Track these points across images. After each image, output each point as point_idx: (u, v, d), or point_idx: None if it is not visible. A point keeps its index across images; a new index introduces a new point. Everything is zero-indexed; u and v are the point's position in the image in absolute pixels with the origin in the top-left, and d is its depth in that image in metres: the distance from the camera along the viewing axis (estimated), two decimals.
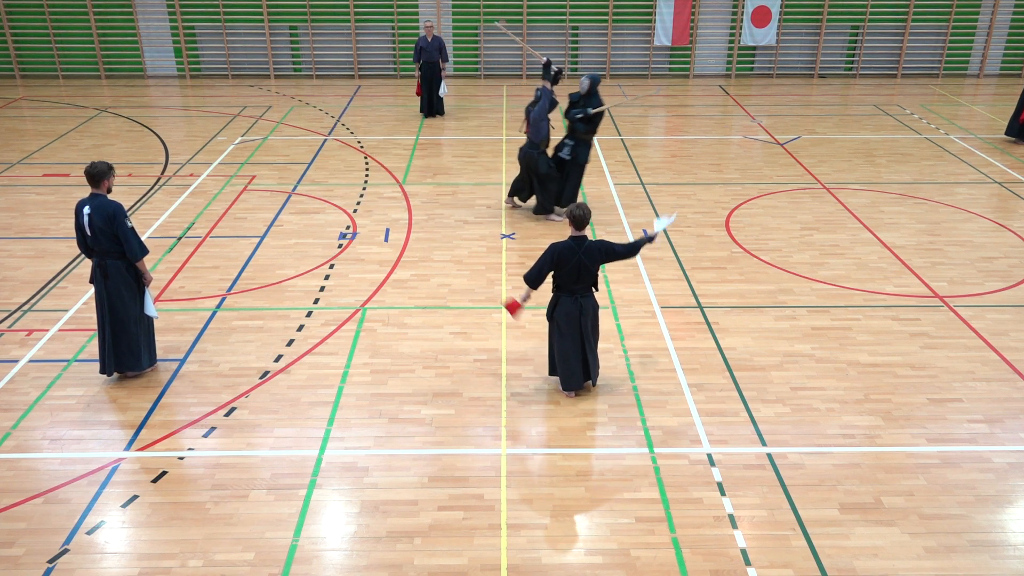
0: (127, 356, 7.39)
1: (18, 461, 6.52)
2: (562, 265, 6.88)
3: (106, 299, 7.18)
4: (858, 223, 11.10)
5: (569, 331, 7.07)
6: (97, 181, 7.00)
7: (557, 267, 6.92)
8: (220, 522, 5.90)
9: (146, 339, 7.48)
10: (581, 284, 6.97)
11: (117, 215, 6.97)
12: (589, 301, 7.07)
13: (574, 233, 6.87)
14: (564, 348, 7.14)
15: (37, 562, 5.54)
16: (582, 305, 7.02)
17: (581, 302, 7.01)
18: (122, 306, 7.21)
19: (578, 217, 6.82)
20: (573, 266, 6.84)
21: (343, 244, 10.38)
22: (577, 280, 6.93)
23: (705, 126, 15.93)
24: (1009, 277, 9.61)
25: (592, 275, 7.00)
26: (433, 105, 16.26)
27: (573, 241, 6.85)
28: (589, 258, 6.86)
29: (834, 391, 7.44)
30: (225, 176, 12.80)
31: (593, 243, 6.93)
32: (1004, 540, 5.78)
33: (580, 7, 19.34)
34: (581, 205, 6.83)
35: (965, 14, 19.50)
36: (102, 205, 6.98)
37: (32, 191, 12.19)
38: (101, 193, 7.04)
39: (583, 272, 6.90)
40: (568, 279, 6.93)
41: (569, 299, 7.01)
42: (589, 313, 7.08)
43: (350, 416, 7.06)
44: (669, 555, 5.63)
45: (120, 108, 16.91)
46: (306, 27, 19.34)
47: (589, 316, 7.09)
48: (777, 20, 19.26)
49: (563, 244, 6.88)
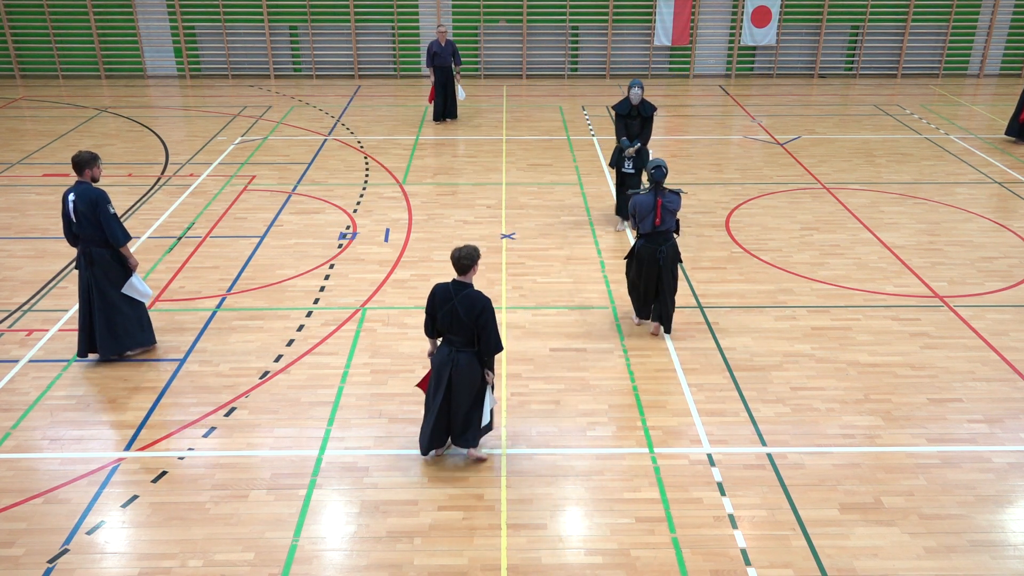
0: (125, 338, 7.71)
1: (18, 461, 6.52)
2: (435, 308, 6.04)
3: (93, 285, 7.45)
4: (858, 223, 11.10)
5: (435, 389, 6.16)
6: (80, 169, 7.30)
7: (431, 309, 6.07)
8: (220, 522, 5.90)
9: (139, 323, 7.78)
10: (455, 335, 6.02)
11: (99, 201, 7.25)
12: (464, 358, 6.03)
13: (456, 278, 6.02)
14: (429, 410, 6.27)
15: (37, 562, 5.54)
16: (455, 361, 6.03)
17: (456, 357, 6.04)
18: (113, 290, 7.52)
19: (453, 259, 5.94)
20: (446, 312, 5.96)
21: (343, 244, 10.38)
22: (451, 328, 6.01)
23: (705, 126, 15.93)
24: (1009, 277, 9.61)
25: (466, 331, 5.95)
26: (447, 110, 15.75)
27: (452, 285, 5.99)
28: (464, 309, 5.90)
29: (834, 391, 7.44)
30: (225, 176, 12.80)
31: (475, 297, 5.91)
32: (1004, 540, 5.78)
33: (580, 7, 19.34)
34: (464, 247, 5.94)
35: (965, 14, 19.50)
36: (86, 192, 7.26)
37: (32, 191, 12.19)
38: (86, 181, 7.32)
39: (455, 323, 5.95)
40: (443, 325, 6.04)
41: (444, 349, 6.12)
42: (462, 373, 6.03)
43: (350, 416, 7.06)
44: (669, 555, 5.63)
45: (120, 108, 16.91)
46: (306, 27, 19.34)
47: (462, 375, 6.04)
48: (777, 20, 19.27)
49: (440, 285, 6.04)
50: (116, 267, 7.50)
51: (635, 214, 7.89)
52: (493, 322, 5.94)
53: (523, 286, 9.30)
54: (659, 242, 7.89)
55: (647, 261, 7.94)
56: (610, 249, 10.23)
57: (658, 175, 7.79)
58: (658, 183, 7.80)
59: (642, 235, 7.96)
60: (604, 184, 12.53)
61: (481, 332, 5.93)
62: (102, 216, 7.25)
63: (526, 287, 9.28)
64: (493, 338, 5.96)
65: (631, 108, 10.37)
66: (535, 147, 14.34)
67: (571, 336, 8.29)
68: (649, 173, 7.87)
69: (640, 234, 7.98)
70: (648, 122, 10.46)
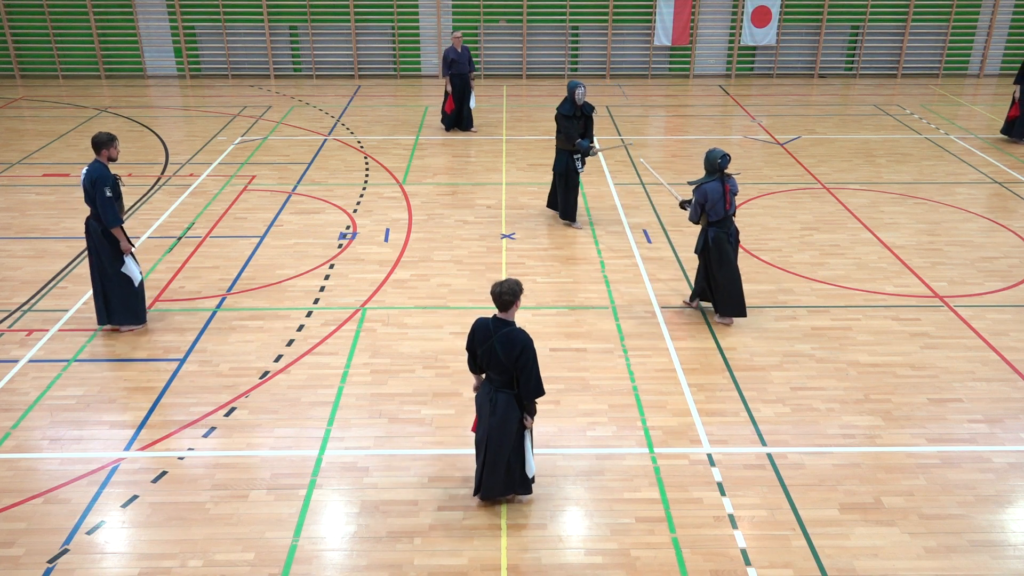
0: (119, 312, 8.18)
1: (18, 461, 6.52)
2: (475, 344, 5.71)
3: (95, 256, 8.01)
4: (858, 223, 11.10)
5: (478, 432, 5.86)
6: (98, 149, 7.80)
7: (471, 345, 5.76)
8: (220, 522, 5.90)
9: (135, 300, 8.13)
10: (495, 374, 5.68)
11: (98, 181, 7.70)
12: (503, 398, 5.68)
13: (497, 314, 5.66)
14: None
15: (37, 562, 5.54)
16: (494, 401, 5.70)
17: (495, 396, 5.70)
18: (108, 263, 7.98)
19: (494, 295, 5.58)
20: (485, 350, 5.62)
21: (343, 244, 10.38)
22: (490, 367, 5.67)
23: (705, 126, 15.92)
24: (1009, 277, 9.61)
25: (506, 371, 5.60)
26: (463, 119, 15.11)
27: (492, 322, 5.63)
28: (503, 349, 5.53)
29: (834, 391, 7.44)
30: (225, 176, 12.80)
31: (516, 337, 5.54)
32: (1004, 540, 5.78)
33: (580, 7, 19.33)
34: (505, 282, 5.58)
35: (965, 14, 19.50)
36: (94, 169, 7.76)
37: (32, 191, 12.19)
38: (101, 160, 7.81)
39: (494, 362, 5.61)
40: (483, 363, 5.72)
41: (485, 387, 5.81)
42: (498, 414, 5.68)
43: (350, 416, 7.06)
44: (669, 555, 5.63)
45: (120, 108, 16.91)
46: (306, 27, 19.34)
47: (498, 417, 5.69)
48: (777, 20, 19.26)
49: (480, 321, 5.70)
50: (107, 244, 7.94)
51: (705, 203, 8.11)
52: (534, 363, 5.56)
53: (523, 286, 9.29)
54: (728, 226, 8.26)
55: (723, 246, 8.24)
56: (610, 249, 10.24)
57: (724, 163, 8.05)
58: (722, 170, 8.07)
59: (712, 223, 8.22)
60: (604, 184, 12.53)
61: (521, 374, 5.56)
62: (98, 196, 7.72)
63: (526, 287, 9.27)
64: (533, 380, 5.58)
65: (576, 109, 10.31)
66: (535, 147, 14.34)
67: (571, 336, 8.29)
68: (716, 163, 8.04)
69: (710, 222, 8.22)
70: (591, 121, 10.55)
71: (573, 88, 10.22)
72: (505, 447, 5.74)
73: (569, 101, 10.29)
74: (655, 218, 11.22)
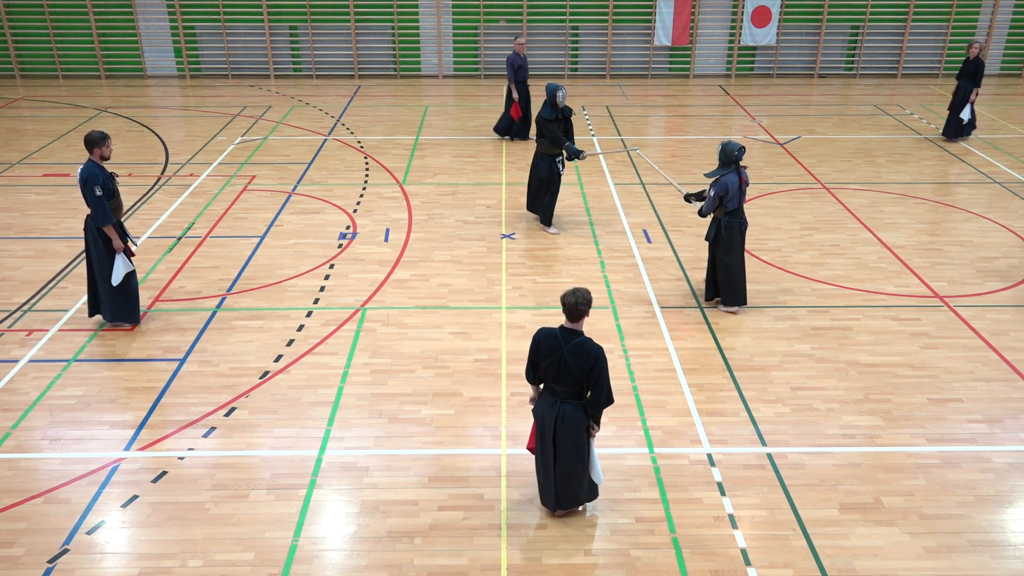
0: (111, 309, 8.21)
1: (18, 461, 6.52)
2: (539, 356, 5.59)
3: (92, 252, 8.07)
4: (858, 223, 11.10)
5: (542, 443, 5.75)
6: (90, 148, 7.83)
7: (534, 356, 5.63)
8: (220, 522, 5.90)
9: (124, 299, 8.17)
10: (561, 386, 5.57)
11: (89, 180, 7.73)
12: (569, 410, 5.57)
13: (565, 324, 5.55)
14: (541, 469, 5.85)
15: (37, 562, 5.54)
16: (560, 413, 5.58)
17: (560, 408, 5.58)
18: (99, 261, 8.03)
19: (567, 305, 5.44)
20: (553, 362, 5.51)
21: (343, 244, 10.38)
22: (557, 379, 5.56)
23: (705, 126, 15.92)
24: (1009, 277, 9.61)
25: (575, 382, 5.51)
26: (522, 129, 14.46)
27: (560, 332, 5.52)
28: (575, 360, 5.44)
29: (834, 391, 7.44)
30: (225, 176, 12.80)
31: (588, 347, 5.46)
32: (1004, 540, 5.78)
33: (580, 7, 19.33)
34: (578, 292, 5.47)
35: (965, 14, 19.50)
36: (85, 168, 7.79)
37: (32, 191, 12.19)
38: (94, 159, 7.84)
39: (563, 374, 5.50)
40: (547, 375, 5.61)
41: (547, 399, 5.68)
42: (568, 426, 5.58)
43: (350, 416, 7.06)
44: (669, 555, 5.63)
45: (120, 108, 16.91)
46: (306, 27, 19.34)
47: (568, 429, 5.59)
48: (777, 20, 19.26)
49: (546, 331, 5.59)
50: (101, 242, 7.98)
51: (725, 195, 8.28)
52: (606, 374, 5.49)
53: (523, 286, 9.30)
54: (740, 216, 8.47)
55: (734, 234, 8.45)
56: (610, 249, 10.24)
57: (740, 155, 8.24)
58: (738, 162, 8.26)
59: (728, 212, 8.42)
60: (604, 184, 12.53)
61: (593, 385, 5.47)
62: (88, 195, 7.77)
63: (526, 287, 9.28)
64: (605, 391, 5.50)
65: (556, 112, 10.22)
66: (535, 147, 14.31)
67: None
68: (734, 154, 8.20)
69: (727, 212, 8.42)
70: (571, 124, 10.48)
71: (554, 91, 10.11)
72: (570, 458, 5.66)
73: (550, 104, 10.19)
74: (655, 218, 11.22)
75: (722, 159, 8.27)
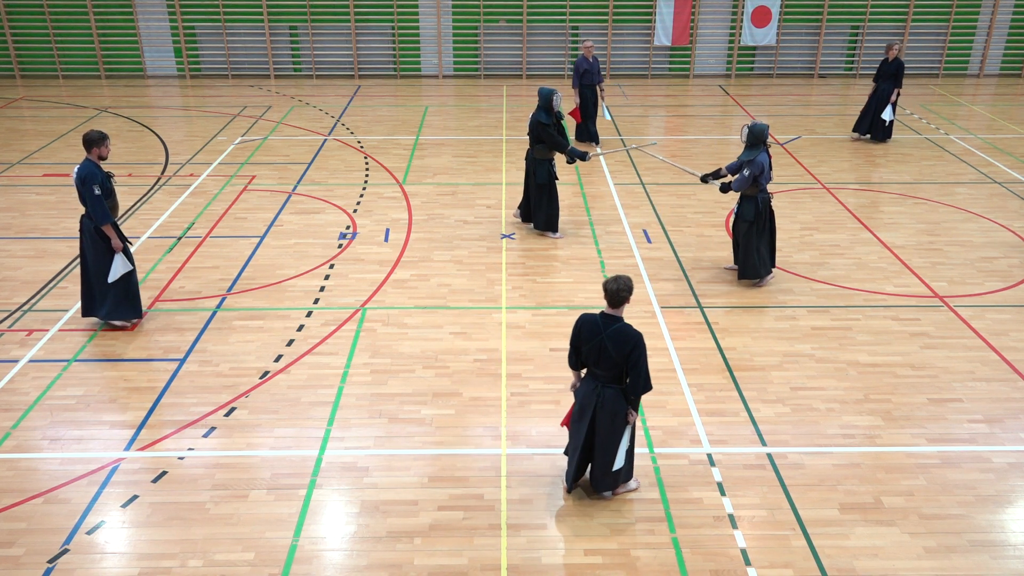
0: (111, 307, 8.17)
1: (18, 461, 6.52)
2: (581, 341, 5.78)
3: (87, 252, 8.06)
4: (858, 223, 11.10)
5: (578, 423, 5.93)
6: (88, 147, 7.85)
7: (576, 341, 5.83)
8: (220, 522, 5.90)
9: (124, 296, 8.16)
10: (602, 370, 5.73)
11: (88, 179, 7.75)
12: (610, 394, 5.74)
13: (606, 310, 5.70)
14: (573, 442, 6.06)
15: (37, 562, 5.54)
16: (601, 397, 5.76)
17: (602, 392, 5.77)
18: (95, 261, 8.04)
19: (609, 292, 5.59)
20: (593, 347, 5.68)
21: (343, 244, 10.38)
22: (598, 363, 5.73)
23: (705, 126, 15.93)
24: (1009, 277, 9.61)
25: (615, 367, 5.67)
26: (591, 132, 14.22)
27: (601, 318, 5.68)
28: (614, 345, 5.60)
29: (834, 391, 7.44)
30: (225, 176, 12.80)
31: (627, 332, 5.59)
32: (1004, 540, 5.78)
33: (580, 7, 19.34)
34: (620, 279, 5.60)
35: (965, 14, 19.50)
36: (83, 167, 7.80)
37: (32, 191, 12.19)
38: (91, 158, 7.85)
39: (603, 358, 5.68)
40: (588, 359, 5.80)
41: (588, 383, 5.86)
42: (607, 409, 5.76)
43: (350, 416, 7.06)
44: (669, 555, 5.63)
45: (120, 108, 16.91)
46: (306, 27, 19.34)
47: (607, 412, 5.77)
48: (777, 20, 19.26)
49: (587, 317, 5.75)
50: (99, 240, 7.98)
51: (761, 174, 8.72)
52: (645, 359, 5.62)
53: (523, 286, 9.30)
54: (768, 193, 8.99)
55: (768, 210, 9.04)
56: (610, 249, 10.24)
57: (765, 135, 8.74)
58: (765, 142, 8.74)
59: (761, 190, 8.91)
60: (604, 184, 12.53)
61: (631, 370, 5.61)
62: (87, 194, 7.77)
63: (526, 287, 9.28)
64: (644, 376, 5.63)
65: (551, 116, 10.10)
66: None
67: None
68: (763, 135, 8.70)
69: (760, 190, 8.89)
70: (563, 128, 10.42)
71: (549, 96, 9.95)
72: (608, 442, 5.82)
73: (545, 109, 10.04)
74: (655, 218, 11.22)
75: (751, 141, 8.72)
